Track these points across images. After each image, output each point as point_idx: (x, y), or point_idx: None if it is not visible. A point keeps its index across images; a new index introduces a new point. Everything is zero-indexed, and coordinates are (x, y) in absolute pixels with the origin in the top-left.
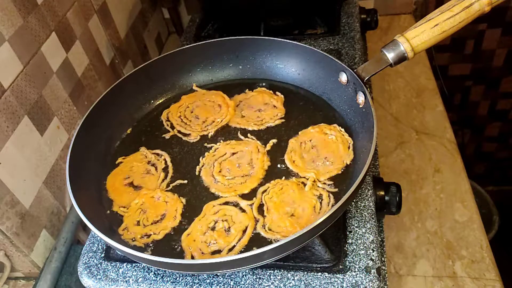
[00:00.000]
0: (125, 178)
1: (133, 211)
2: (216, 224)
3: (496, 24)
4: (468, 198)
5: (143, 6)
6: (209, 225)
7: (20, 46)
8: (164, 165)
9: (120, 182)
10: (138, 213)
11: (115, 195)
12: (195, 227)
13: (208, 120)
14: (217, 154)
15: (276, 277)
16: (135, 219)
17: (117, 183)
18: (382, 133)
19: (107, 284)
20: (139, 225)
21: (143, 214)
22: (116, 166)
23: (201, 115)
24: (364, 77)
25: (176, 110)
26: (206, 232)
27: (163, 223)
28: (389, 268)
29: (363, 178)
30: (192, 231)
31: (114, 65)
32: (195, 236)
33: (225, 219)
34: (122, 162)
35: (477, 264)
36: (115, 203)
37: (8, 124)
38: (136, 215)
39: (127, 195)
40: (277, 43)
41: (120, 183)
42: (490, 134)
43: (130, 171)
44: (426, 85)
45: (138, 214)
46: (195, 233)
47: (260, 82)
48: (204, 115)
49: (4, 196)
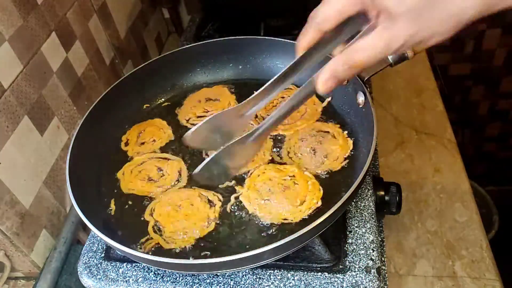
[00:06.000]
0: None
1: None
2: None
3: (496, 24)
4: (468, 198)
5: (143, 6)
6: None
7: (20, 46)
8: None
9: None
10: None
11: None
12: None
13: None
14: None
15: (276, 277)
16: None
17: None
18: (382, 133)
19: (107, 284)
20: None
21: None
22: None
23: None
24: (364, 77)
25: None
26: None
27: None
28: (389, 268)
29: (363, 178)
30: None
31: (114, 65)
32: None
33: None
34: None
35: (477, 264)
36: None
37: (8, 124)
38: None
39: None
40: (277, 43)
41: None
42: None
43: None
44: (426, 85)
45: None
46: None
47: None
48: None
49: (4, 196)
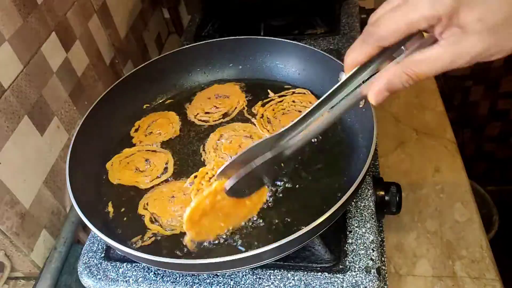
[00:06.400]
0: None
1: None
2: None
3: None
4: (468, 198)
5: (143, 6)
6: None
7: (20, 46)
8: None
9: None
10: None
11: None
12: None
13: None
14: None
15: (276, 277)
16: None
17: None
18: (382, 133)
19: (107, 284)
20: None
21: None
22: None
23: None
24: None
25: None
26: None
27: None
28: (389, 268)
29: (363, 178)
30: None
31: (114, 65)
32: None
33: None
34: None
35: (477, 264)
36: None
37: (8, 124)
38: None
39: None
40: (277, 43)
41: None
42: (490, 134)
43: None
44: (426, 85)
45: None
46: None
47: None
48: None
49: (4, 196)
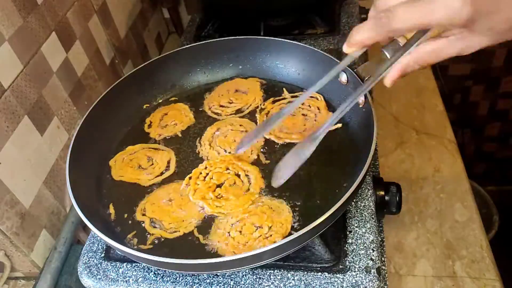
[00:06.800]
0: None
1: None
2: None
3: None
4: (468, 198)
5: (143, 6)
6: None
7: (20, 46)
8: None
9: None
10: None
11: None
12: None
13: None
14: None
15: (276, 277)
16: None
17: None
18: (382, 133)
19: (107, 284)
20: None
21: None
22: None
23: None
24: (364, 77)
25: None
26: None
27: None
28: (389, 268)
29: (363, 178)
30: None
31: (114, 65)
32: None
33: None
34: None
35: (477, 264)
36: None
37: (8, 124)
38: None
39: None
40: (277, 43)
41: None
42: (490, 134)
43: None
44: (426, 85)
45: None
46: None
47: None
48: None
49: (4, 196)
